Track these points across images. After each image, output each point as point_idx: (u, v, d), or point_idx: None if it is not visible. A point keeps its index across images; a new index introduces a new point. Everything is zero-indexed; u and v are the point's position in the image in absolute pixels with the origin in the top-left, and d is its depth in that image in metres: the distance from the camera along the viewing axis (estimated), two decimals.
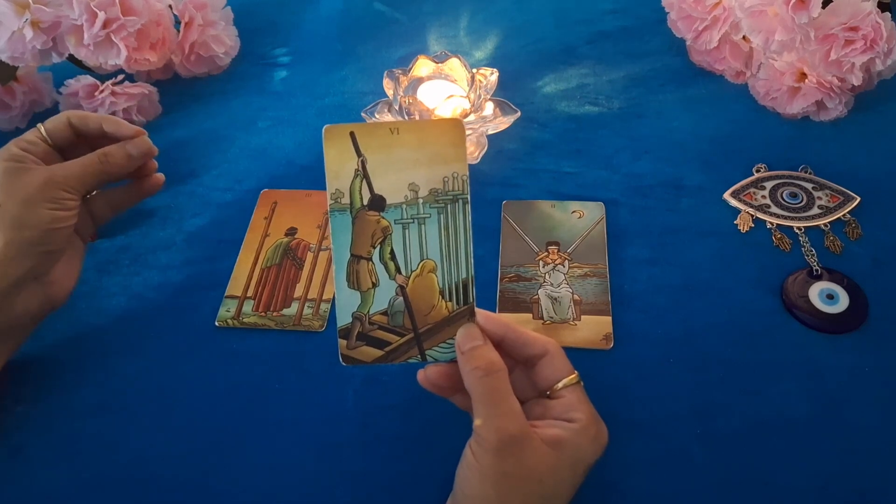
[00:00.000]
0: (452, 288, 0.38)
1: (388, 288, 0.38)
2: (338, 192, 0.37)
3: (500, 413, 0.35)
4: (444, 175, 0.37)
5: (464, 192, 0.38)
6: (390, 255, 0.38)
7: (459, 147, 0.37)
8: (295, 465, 0.45)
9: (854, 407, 0.45)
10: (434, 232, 0.38)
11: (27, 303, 0.46)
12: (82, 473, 0.45)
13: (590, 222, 0.57)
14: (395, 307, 0.38)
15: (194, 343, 0.51)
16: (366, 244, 0.38)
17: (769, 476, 0.43)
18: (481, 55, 0.75)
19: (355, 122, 0.66)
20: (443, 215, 0.38)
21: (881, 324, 0.49)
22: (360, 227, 0.38)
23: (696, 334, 0.49)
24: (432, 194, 0.38)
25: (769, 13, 0.59)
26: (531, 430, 0.36)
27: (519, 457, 0.35)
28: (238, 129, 0.68)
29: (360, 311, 0.38)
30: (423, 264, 0.38)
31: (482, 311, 0.39)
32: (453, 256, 0.38)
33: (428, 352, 0.39)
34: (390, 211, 0.38)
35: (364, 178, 0.37)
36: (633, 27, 0.76)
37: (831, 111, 0.62)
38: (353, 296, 0.38)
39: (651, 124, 0.65)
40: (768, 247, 0.55)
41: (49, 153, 0.48)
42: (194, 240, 0.58)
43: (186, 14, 0.68)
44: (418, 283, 0.38)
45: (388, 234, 0.38)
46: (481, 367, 0.36)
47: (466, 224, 0.38)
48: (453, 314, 0.38)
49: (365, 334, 0.39)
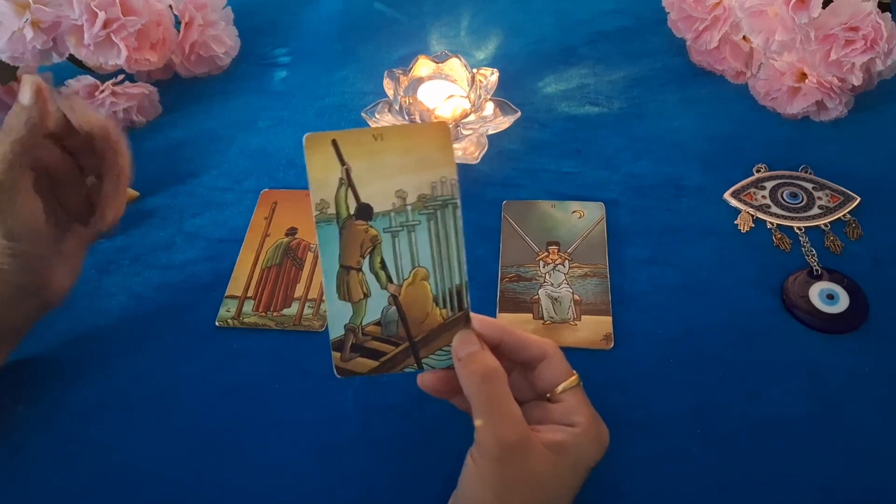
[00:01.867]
0: (446, 295, 0.37)
1: (380, 298, 0.37)
2: (323, 203, 0.36)
3: (500, 419, 0.35)
4: (432, 180, 0.36)
5: (453, 197, 0.37)
6: (380, 264, 0.37)
7: (447, 151, 0.36)
8: (295, 465, 0.45)
9: (854, 407, 0.45)
10: (424, 239, 0.37)
11: (27, 311, 0.46)
12: (82, 473, 0.45)
13: (590, 222, 0.57)
14: (389, 317, 0.38)
15: (194, 343, 0.51)
16: (355, 254, 0.37)
17: (769, 476, 0.43)
18: (481, 55, 0.75)
19: (356, 122, 0.67)
20: (432, 221, 0.37)
21: (881, 324, 0.49)
22: (347, 237, 0.37)
23: (697, 334, 0.49)
24: (421, 200, 0.37)
25: (769, 13, 0.59)
26: (532, 435, 0.35)
27: (520, 462, 0.34)
28: (238, 129, 0.68)
29: (352, 323, 0.37)
30: (414, 272, 0.37)
31: (478, 316, 0.38)
32: (445, 263, 0.37)
33: (424, 360, 0.38)
34: (378, 219, 0.37)
35: (349, 187, 0.36)
36: (633, 27, 0.76)
37: (831, 111, 0.62)
38: (344, 307, 0.37)
39: (651, 124, 0.65)
40: (768, 247, 0.55)
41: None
42: (194, 240, 0.58)
43: (187, 14, 0.68)
44: (410, 291, 0.37)
45: (377, 244, 0.37)
46: (479, 373, 0.36)
47: (458, 229, 0.37)
48: (448, 321, 0.38)
49: (359, 345, 0.38)
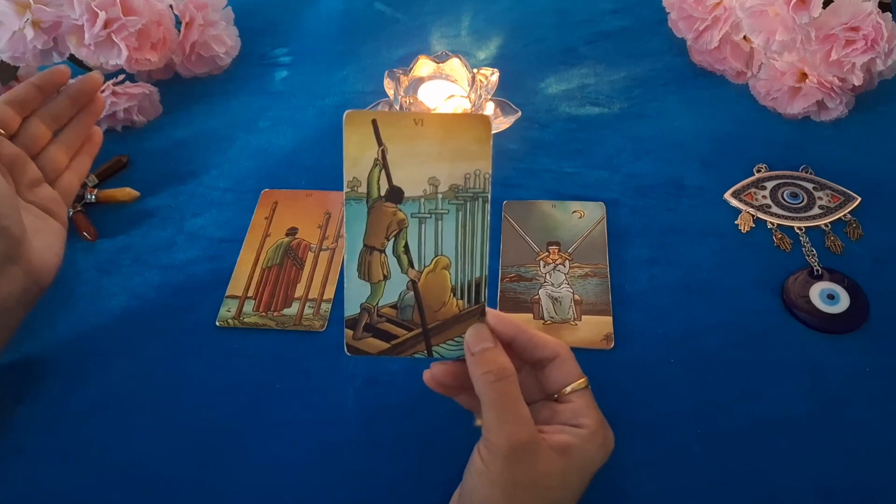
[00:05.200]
0: (465, 286, 0.38)
1: (399, 281, 0.38)
2: (355, 181, 0.36)
3: (511, 419, 0.35)
4: (466, 172, 0.36)
5: (485, 191, 0.37)
6: (404, 248, 0.37)
7: (485, 144, 0.36)
8: (295, 465, 0.45)
9: (854, 407, 0.45)
10: (451, 228, 0.37)
11: (9, 286, 0.45)
12: (82, 473, 0.45)
13: (590, 222, 0.57)
14: (405, 301, 0.38)
15: (195, 343, 0.51)
16: (380, 236, 0.37)
17: (769, 476, 0.43)
18: (482, 55, 0.75)
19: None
20: (461, 212, 0.37)
21: (882, 324, 0.49)
22: (375, 217, 0.37)
23: (697, 334, 0.49)
24: (452, 190, 0.37)
25: (770, 13, 0.59)
26: (540, 437, 0.35)
27: (529, 464, 0.34)
28: (239, 129, 0.68)
29: (368, 303, 0.38)
30: (436, 260, 0.38)
31: (493, 311, 0.38)
32: (468, 255, 0.37)
33: (435, 348, 0.38)
34: (408, 204, 0.37)
35: (383, 169, 0.36)
36: (633, 27, 0.76)
37: (832, 111, 0.62)
38: (363, 286, 0.38)
39: (652, 124, 0.65)
40: (769, 247, 0.55)
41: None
42: (195, 240, 0.58)
43: (187, 14, 0.68)
44: (431, 278, 0.38)
45: (403, 228, 0.37)
46: (493, 372, 0.36)
47: (485, 223, 0.37)
48: (463, 312, 0.38)
49: (372, 326, 0.38)
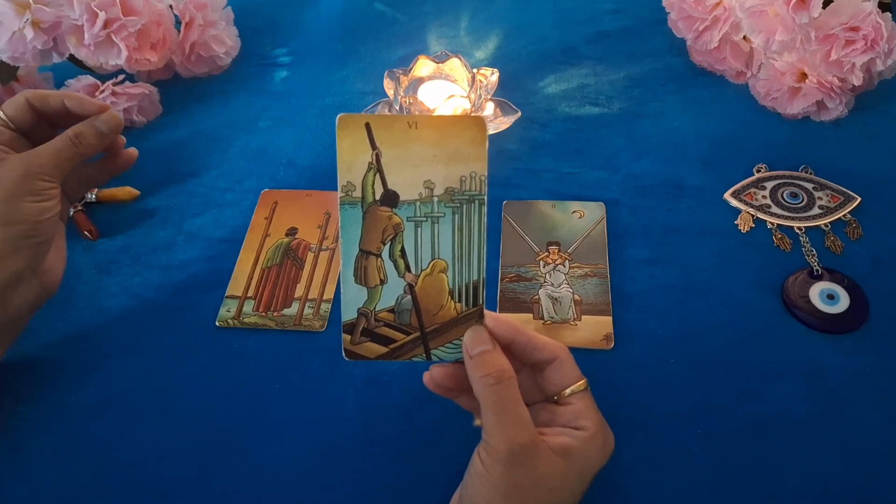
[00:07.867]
0: (462, 289, 0.37)
1: (396, 285, 0.37)
2: (349, 185, 0.36)
3: (511, 422, 0.35)
4: (461, 174, 0.36)
5: (481, 193, 0.36)
6: (400, 252, 0.37)
7: (480, 146, 0.36)
8: (295, 465, 0.45)
9: (854, 407, 0.45)
10: (447, 232, 0.37)
11: (25, 295, 0.45)
12: (82, 473, 0.45)
13: (590, 222, 0.57)
14: (403, 305, 0.38)
15: (194, 343, 0.51)
16: (376, 240, 0.37)
17: (769, 476, 0.43)
18: (482, 55, 0.75)
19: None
20: (457, 215, 0.37)
21: (882, 324, 0.49)
22: (370, 222, 0.37)
23: (697, 334, 0.49)
24: (448, 193, 0.36)
25: (770, 13, 0.59)
26: (540, 439, 0.35)
27: (529, 467, 0.34)
28: (238, 129, 0.68)
29: (365, 307, 0.38)
30: (433, 264, 0.37)
31: (491, 314, 0.38)
32: (465, 257, 0.37)
33: (433, 351, 0.38)
34: (403, 207, 0.36)
35: (378, 172, 0.36)
36: (633, 27, 0.76)
37: (832, 111, 0.62)
38: (359, 291, 0.37)
39: (651, 124, 0.65)
40: (769, 247, 0.55)
41: (14, 139, 0.46)
42: (194, 240, 0.58)
43: (187, 14, 0.68)
44: (428, 282, 0.37)
45: (399, 232, 0.37)
46: (492, 375, 0.35)
47: (481, 225, 0.37)
48: (462, 315, 0.38)
49: (370, 330, 0.38)
